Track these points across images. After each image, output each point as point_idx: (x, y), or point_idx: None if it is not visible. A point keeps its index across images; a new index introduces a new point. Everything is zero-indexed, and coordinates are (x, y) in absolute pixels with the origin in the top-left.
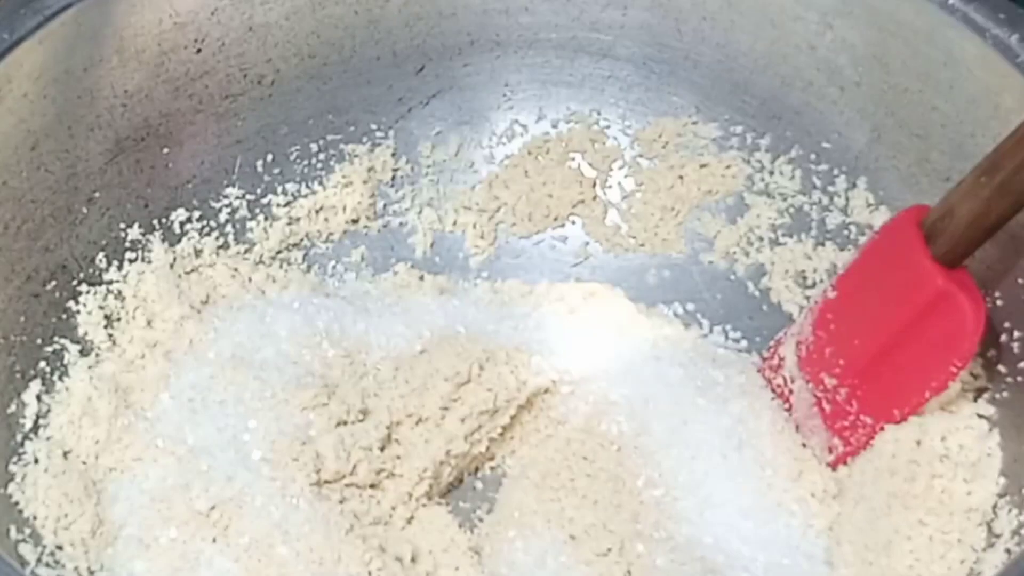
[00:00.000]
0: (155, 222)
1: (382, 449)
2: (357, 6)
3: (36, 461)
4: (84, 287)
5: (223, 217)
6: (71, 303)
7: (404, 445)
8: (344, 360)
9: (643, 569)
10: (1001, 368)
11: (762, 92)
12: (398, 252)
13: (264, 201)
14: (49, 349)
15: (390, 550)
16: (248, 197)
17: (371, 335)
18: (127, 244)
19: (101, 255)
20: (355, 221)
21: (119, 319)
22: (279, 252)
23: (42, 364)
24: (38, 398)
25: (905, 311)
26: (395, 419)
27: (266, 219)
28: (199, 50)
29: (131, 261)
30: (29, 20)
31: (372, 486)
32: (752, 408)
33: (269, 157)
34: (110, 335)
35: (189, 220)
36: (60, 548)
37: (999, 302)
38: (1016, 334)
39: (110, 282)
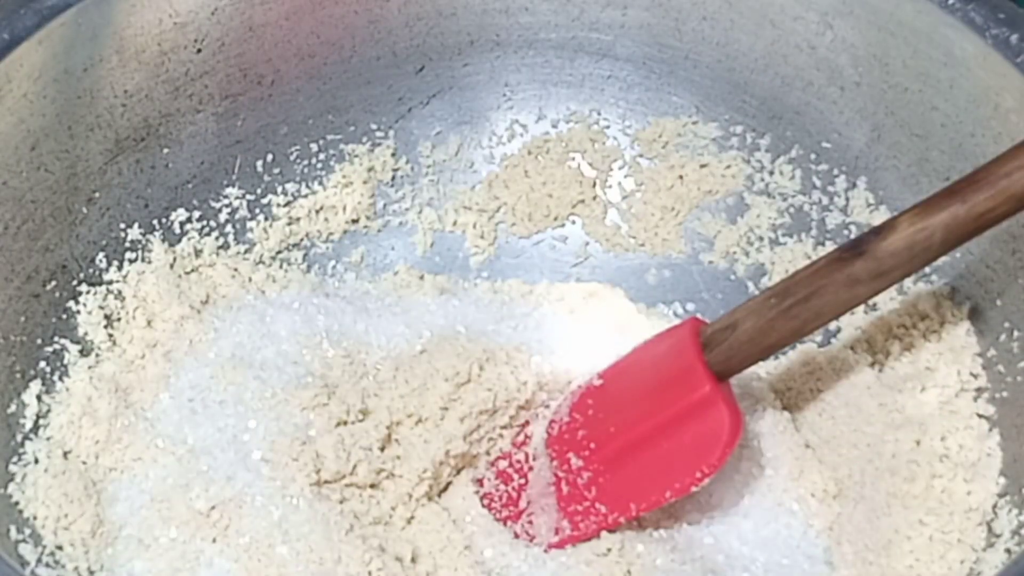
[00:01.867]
0: (155, 222)
1: (382, 449)
2: (357, 6)
3: (36, 461)
4: (84, 287)
5: (223, 217)
6: (71, 303)
7: (404, 445)
8: (344, 360)
9: (643, 569)
10: (1001, 368)
11: (762, 92)
12: (398, 252)
13: (264, 201)
14: (49, 349)
15: (390, 550)
16: (248, 197)
17: (371, 335)
18: (127, 244)
19: (101, 255)
20: (355, 221)
21: (119, 319)
22: (279, 252)
23: (42, 364)
24: (38, 398)
25: (667, 408)
26: (395, 419)
27: (266, 219)
28: (199, 50)
29: (131, 261)
30: (29, 20)
31: (372, 486)
32: (752, 408)
33: (269, 157)
34: (110, 335)
35: (189, 220)
36: (60, 548)
37: (999, 302)
38: (1016, 334)
39: (110, 282)
